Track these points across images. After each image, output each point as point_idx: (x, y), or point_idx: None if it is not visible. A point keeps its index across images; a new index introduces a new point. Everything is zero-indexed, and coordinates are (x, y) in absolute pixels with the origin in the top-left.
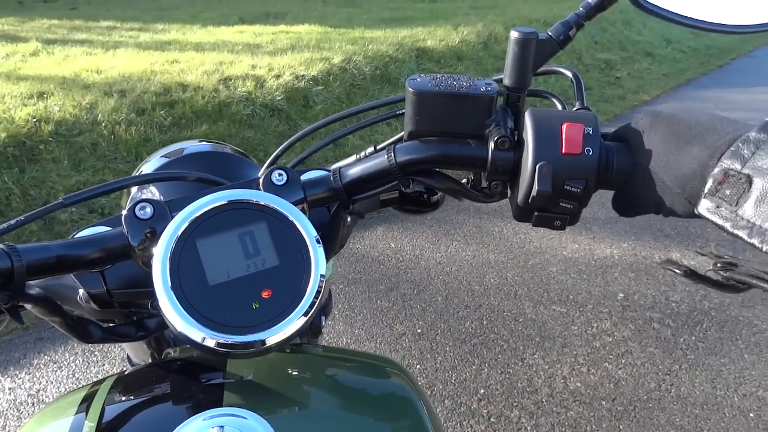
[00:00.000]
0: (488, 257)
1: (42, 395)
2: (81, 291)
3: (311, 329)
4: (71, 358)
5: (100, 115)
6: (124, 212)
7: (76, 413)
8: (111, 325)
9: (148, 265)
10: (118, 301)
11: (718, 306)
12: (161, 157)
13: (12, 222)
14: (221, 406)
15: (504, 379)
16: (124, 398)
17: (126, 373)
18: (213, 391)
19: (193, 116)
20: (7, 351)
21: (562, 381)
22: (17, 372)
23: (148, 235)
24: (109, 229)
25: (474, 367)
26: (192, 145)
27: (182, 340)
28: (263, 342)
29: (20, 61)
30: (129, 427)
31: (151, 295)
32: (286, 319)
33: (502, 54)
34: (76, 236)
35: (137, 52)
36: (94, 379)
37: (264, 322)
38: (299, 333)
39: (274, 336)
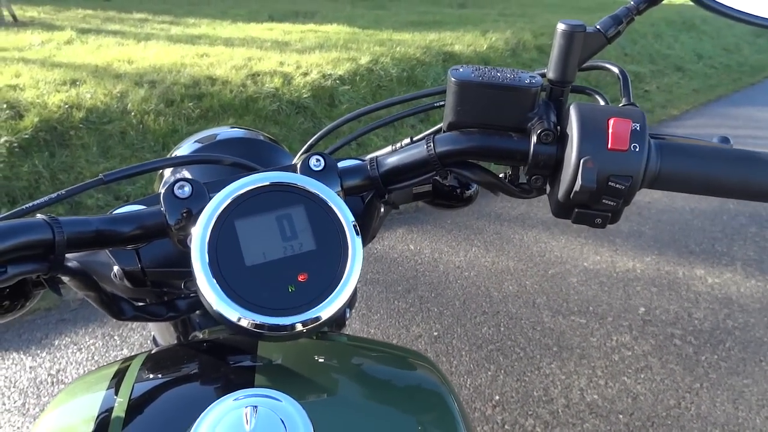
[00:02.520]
0: (508, 264)
1: (61, 375)
2: (116, 268)
3: (336, 320)
4: (91, 341)
5: (129, 105)
6: (162, 190)
7: (107, 388)
8: (143, 304)
9: (184, 243)
10: (151, 280)
11: (742, 326)
12: (194, 142)
13: (53, 195)
14: (253, 387)
15: (520, 386)
16: (154, 376)
17: (156, 351)
18: (244, 372)
19: (221, 109)
20: (30, 331)
21: (578, 392)
22: (38, 351)
23: (185, 214)
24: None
25: (490, 373)
26: (225, 131)
27: (214, 320)
28: (297, 325)
29: (55, 49)
30: (159, 404)
31: (186, 274)
32: (321, 304)
33: (530, 62)
34: (114, 213)
35: (168, 44)
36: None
37: (299, 306)
38: (333, 318)
39: (309, 320)
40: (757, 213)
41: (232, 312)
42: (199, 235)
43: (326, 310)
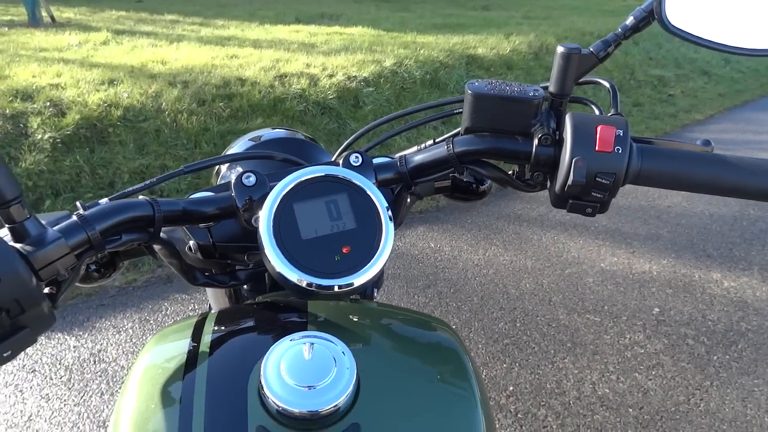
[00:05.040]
0: (525, 263)
1: (102, 355)
2: (191, 242)
3: (364, 298)
4: (129, 324)
5: (164, 104)
6: (232, 180)
7: (191, 334)
8: (209, 273)
9: (249, 222)
10: (218, 253)
11: (756, 328)
12: (248, 140)
13: (147, 182)
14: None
15: (533, 379)
16: (227, 325)
17: (226, 308)
18: (298, 323)
19: (249, 109)
20: (73, 314)
21: (590, 386)
22: (81, 333)
23: (247, 200)
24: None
25: (505, 365)
26: (268, 132)
27: (261, 291)
28: (343, 286)
29: (92, 49)
30: (234, 343)
31: (248, 248)
32: (361, 270)
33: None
34: (191, 197)
35: (199, 45)
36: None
37: (344, 271)
38: (371, 283)
39: (352, 282)
40: None
41: (292, 274)
42: (266, 213)
43: (365, 275)
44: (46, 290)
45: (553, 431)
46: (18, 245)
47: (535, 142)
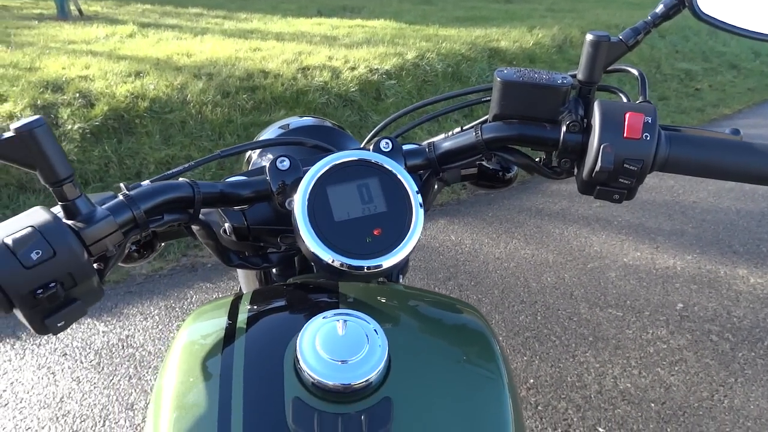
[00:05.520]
0: (547, 257)
1: (130, 340)
2: (227, 225)
3: (394, 272)
4: (155, 311)
5: (189, 96)
6: (267, 164)
7: (228, 311)
8: (243, 255)
9: (283, 205)
10: (252, 236)
11: None
12: (278, 128)
13: (185, 165)
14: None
15: (554, 372)
16: (262, 304)
17: (260, 289)
18: (330, 302)
19: (272, 101)
20: (102, 300)
21: (612, 380)
22: (110, 319)
23: (281, 184)
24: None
25: (525, 358)
26: (296, 120)
27: (292, 275)
28: (372, 267)
29: (119, 42)
30: (267, 323)
31: (281, 231)
32: (392, 251)
33: (576, 58)
34: (226, 181)
35: (223, 38)
36: (175, 329)
37: (375, 252)
38: (400, 265)
39: (383, 263)
40: None
41: (325, 254)
42: (300, 195)
43: (395, 257)
44: (95, 266)
45: (573, 424)
46: (70, 222)
47: (563, 129)
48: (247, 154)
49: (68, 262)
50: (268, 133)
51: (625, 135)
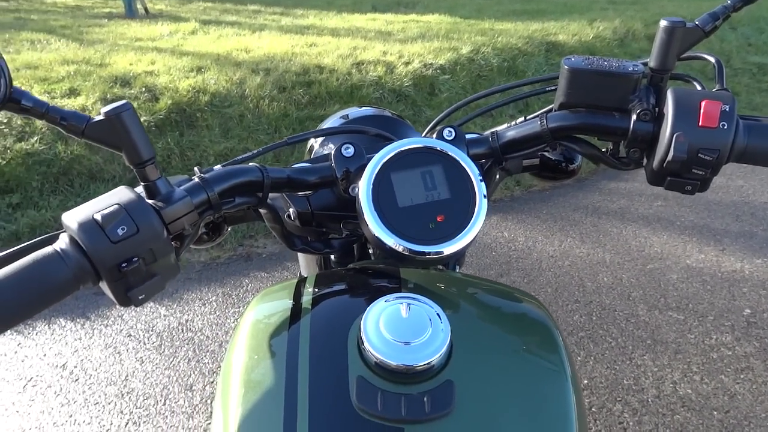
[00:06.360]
0: (603, 257)
1: (190, 324)
2: (291, 210)
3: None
4: (213, 298)
5: (247, 90)
6: (332, 151)
7: (293, 293)
8: (306, 240)
9: (346, 191)
10: (315, 221)
11: None
12: (339, 118)
13: (254, 151)
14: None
15: (609, 374)
16: (324, 288)
17: (323, 272)
18: (392, 287)
19: (327, 96)
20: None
21: (671, 385)
22: (170, 304)
23: (345, 170)
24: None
25: (579, 358)
26: (355, 110)
27: (351, 261)
28: (436, 253)
29: (182, 39)
30: (332, 304)
31: (344, 217)
32: (454, 238)
33: (639, 52)
34: (293, 166)
35: (280, 34)
36: (234, 316)
37: (438, 238)
38: (462, 252)
39: (445, 250)
40: None
41: (388, 238)
42: (365, 180)
43: (459, 243)
44: (172, 244)
45: (629, 428)
46: (151, 201)
47: (633, 117)
48: (309, 143)
49: (150, 238)
50: (329, 123)
51: (700, 123)
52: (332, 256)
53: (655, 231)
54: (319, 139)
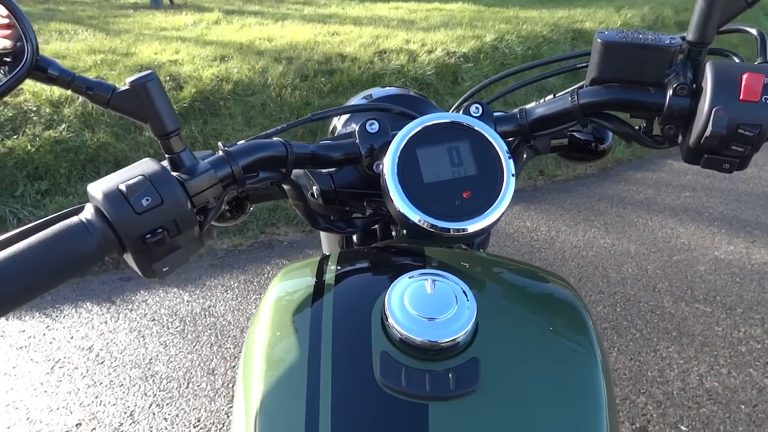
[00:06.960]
0: (628, 247)
1: (212, 310)
2: (315, 188)
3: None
4: (235, 284)
5: (270, 79)
6: (356, 128)
7: (316, 270)
8: (329, 218)
9: (370, 168)
10: (339, 199)
11: None
12: (362, 98)
13: (279, 127)
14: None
15: (633, 365)
16: (347, 265)
17: (347, 250)
18: (416, 264)
19: (349, 84)
20: (186, 272)
21: (697, 378)
22: (194, 290)
23: (370, 147)
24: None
25: None
26: (378, 90)
27: (373, 240)
28: (461, 229)
29: (205, 28)
30: (355, 280)
31: (367, 195)
32: (481, 215)
33: None
34: (318, 143)
35: (302, 23)
36: (255, 303)
37: (464, 215)
38: (489, 229)
39: (471, 226)
40: None
41: (414, 215)
42: (390, 156)
43: (485, 220)
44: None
45: (653, 420)
46: (175, 173)
47: (669, 92)
48: (332, 123)
49: (174, 210)
50: (355, 101)
51: (741, 97)
52: (354, 237)
53: (682, 222)
54: (342, 119)
